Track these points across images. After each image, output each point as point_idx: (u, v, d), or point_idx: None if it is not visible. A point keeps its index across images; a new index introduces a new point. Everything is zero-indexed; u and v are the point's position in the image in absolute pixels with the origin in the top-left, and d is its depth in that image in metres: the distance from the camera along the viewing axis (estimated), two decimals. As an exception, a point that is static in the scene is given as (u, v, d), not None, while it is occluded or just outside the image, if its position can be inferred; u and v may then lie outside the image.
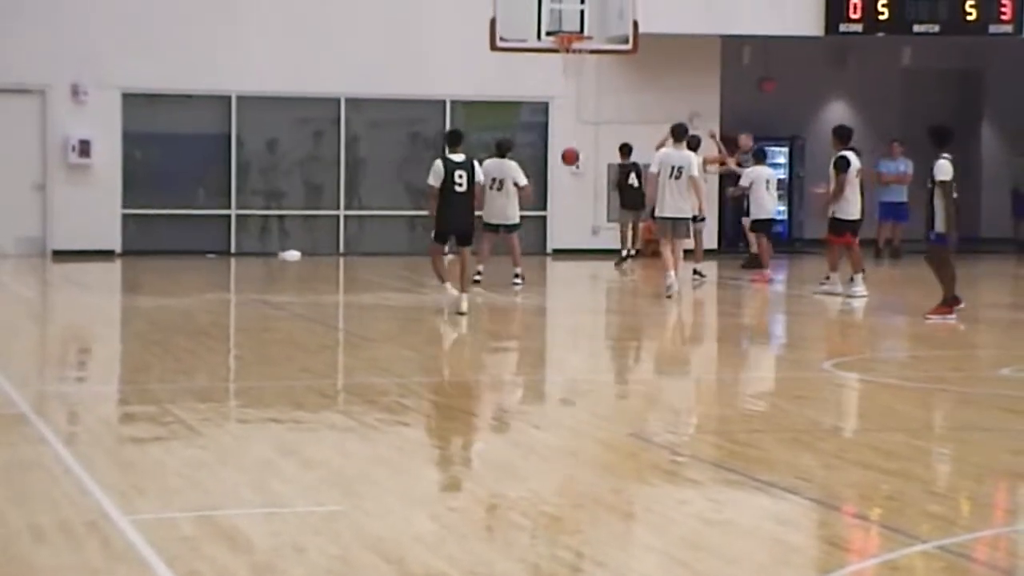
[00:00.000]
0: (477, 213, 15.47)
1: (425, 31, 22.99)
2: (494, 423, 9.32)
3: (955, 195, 14.39)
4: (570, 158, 20.76)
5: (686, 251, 17.33)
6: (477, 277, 17.06)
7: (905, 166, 23.36)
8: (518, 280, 17.55)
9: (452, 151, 14.83)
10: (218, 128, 22.99)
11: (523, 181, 17.58)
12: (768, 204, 19.07)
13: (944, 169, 14.22)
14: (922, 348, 13.40)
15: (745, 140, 21.46)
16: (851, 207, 16.66)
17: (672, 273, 16.25)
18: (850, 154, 16.70)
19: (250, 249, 22.96)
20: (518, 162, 17.91)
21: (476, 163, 15.03)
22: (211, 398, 9.82)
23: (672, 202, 16.33)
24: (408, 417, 9.28)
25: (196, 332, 13.58)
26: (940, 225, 14.27)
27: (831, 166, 16.86)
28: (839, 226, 16.70)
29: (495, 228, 17.66)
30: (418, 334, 13.96)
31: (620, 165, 21.06)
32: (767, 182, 19.02)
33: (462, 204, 14.57)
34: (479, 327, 14.62)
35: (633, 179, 20.59)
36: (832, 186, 16.73)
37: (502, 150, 17.79)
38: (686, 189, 16.40)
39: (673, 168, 16.36)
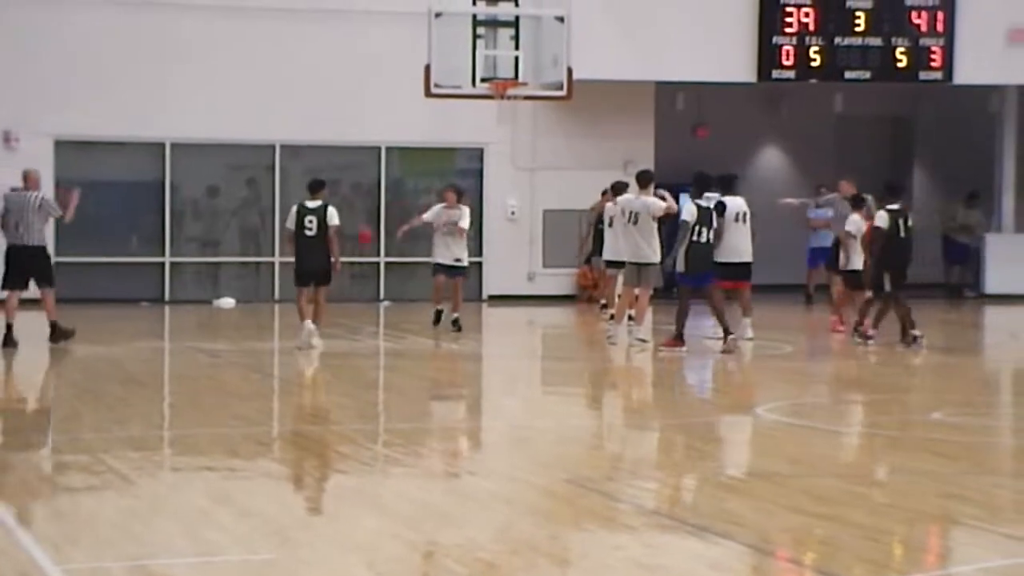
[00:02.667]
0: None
1: (360, 78, 23.07)
2: (431, 470, 9.34)
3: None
4: (364, 239, 20.87)
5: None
6: (455, 316, 17.42)
7: (833, 211, 23.63)
8: (457, 326, 17.52)
9: (311, 198, 15.94)
10: (152, 175, 22.94)
11: (465, 225, 17.73)
12: (855, 256, 17.46)
13: (881, 218, 16.27)
14: (853, 392, 13.57)
15: (846, 187, 19.22)
16: (729, 251, 16.70)
17: (621, 323, 16.32)
18: (728, 199, 16.80)
19: (184, 297, 22.87)
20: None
21: (331, 209, 15.87)
22: (145, 447, 9.78)
23: (629, 247, 16.19)
24: (344, 465, 9.29)
25: (129, 380, 13.51)
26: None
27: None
28: (721, 270, 16.76)
29: (445, 269, 17.69)
30: (354, 381, 13.96)
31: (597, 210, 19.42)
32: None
33: (313, 248, 15.71)
34: (416, 373, 14.64)
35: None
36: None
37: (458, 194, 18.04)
38: (649, 234, 16.14)
39: (631, 214, 16.23)
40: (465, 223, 17.57)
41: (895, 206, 16.44)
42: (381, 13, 22.83)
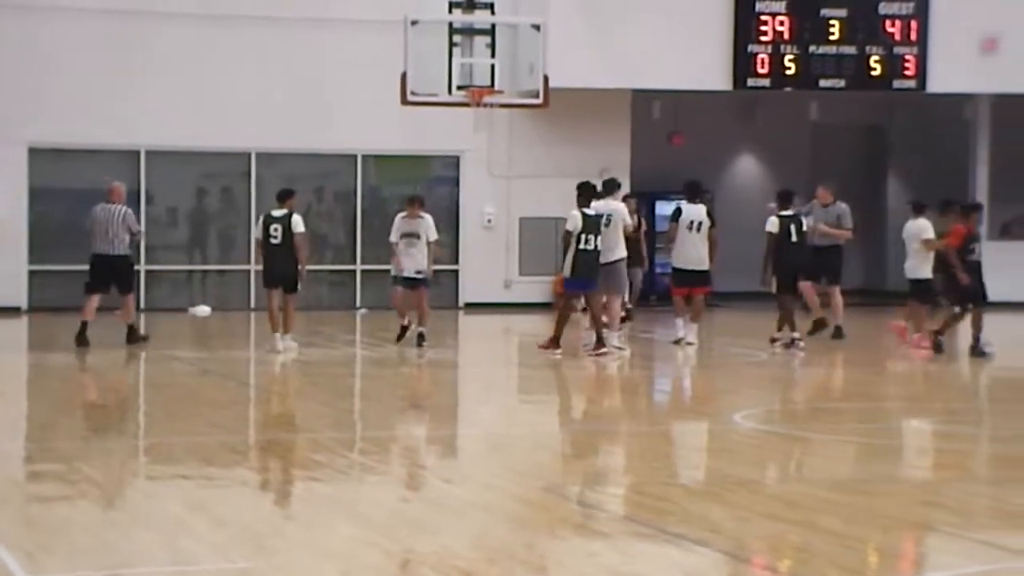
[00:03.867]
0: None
1: (336, 85, 23.05)
2: (407, 478, 9.33)
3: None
4: None
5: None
6: (421, 330, 16.88)
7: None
8: (422, 341, 16.77)
9: (278, 206, 16.41)
10: (127, 183, 22.80)
11: (433, 236, 17.27)
12: (924, 265, 17.46)
13: (771, 223, 17.05)
14: (829, 400, 13.60)
15: (824, 194, 18.95)
16: (682, 259, 17.18)
17: (599, 332, 16.33)
18: (687, 206, 17.29)
19: (160, 304, 22.78)
20: (431, 215, 17.88)
21: (296, 217, 16.30)
22: (120, 455, 9.74)
23: (605, 253, 16.41)
24: (320, 473, 9.26)
25: (105, 389, 13.45)
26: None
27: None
28: (676, 276, 17.38)
29: (404, 281, 17.37)
30: (330, 389, 13.93)
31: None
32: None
33: (279, 255, 16.21)
34: (392, 381, 14.62)
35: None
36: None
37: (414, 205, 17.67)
38: (616, 239, 16.44)
39: (605, 217, 16.45)
40: (432, 235, 16.95)
41: (788, 212, 17.16)
42: (357, 21, 22.82)
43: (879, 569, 6.95)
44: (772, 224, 17.10)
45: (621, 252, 16.58)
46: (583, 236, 15.91)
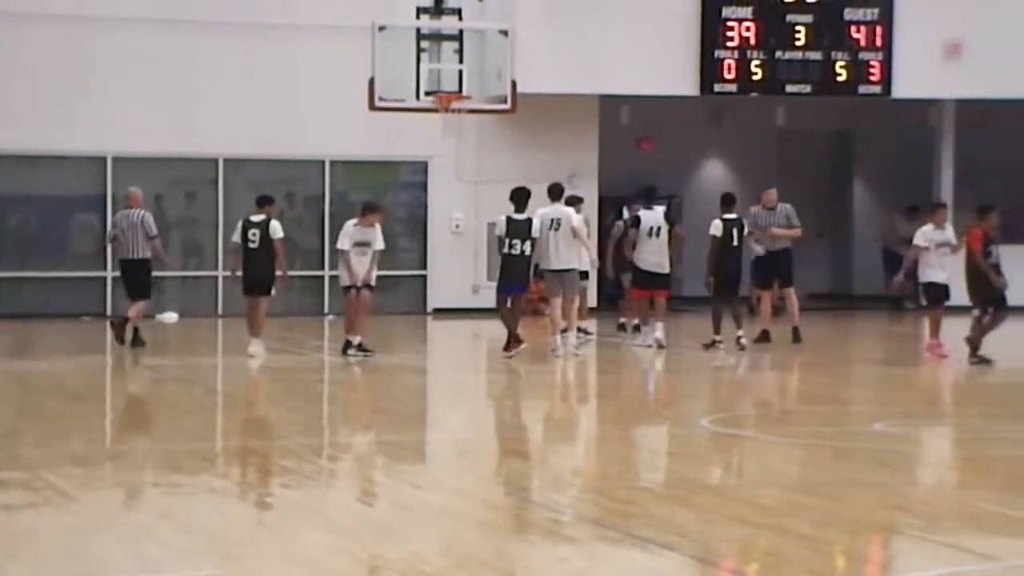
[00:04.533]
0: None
1: (304, 91, 22.99)
2: (376, 484, 9.31)
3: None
4: None
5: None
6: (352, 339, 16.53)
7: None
8: (352, 351, 16.04)
9: (256, 212, 16.58)
10: (93, 189, 22.75)
11: (380, 246, 16.51)
12: (938, 270, 16.84)
13: (715, 227, 17.38)
14: (798, 404, 13.65)
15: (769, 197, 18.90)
16: (643, 262, 17.51)
17: (558, 336, 16.40)
18: (644, 212, 17.71)
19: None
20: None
21: (274, 223, 16.39)
22: (86, 462, 9.69)
23: (557, 256, 16.50)
24: (289, 479, 9.24)
25: (71, 396, 13.38)
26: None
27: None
28: (639, 278, 17.68)
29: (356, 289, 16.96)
30: (299, 395, 13.89)
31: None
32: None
33: (256, 259, 16.28)
34: (361, 387, 14.60)
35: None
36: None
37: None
38: (568, 242, 16.56)
39: (553, 221, 16.57)
40: (380, 244, 16.33)
41: (731, 216, 17.48)
42: (325, 27, 22.77)
43: (847, 573, 6.98)
44: (716, 227, 17.41)
45: (576, 262, 16.60)
46: (509, 241, 16.03)
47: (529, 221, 16.20)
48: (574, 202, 17.59)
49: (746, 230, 17.68)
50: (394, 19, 18.44)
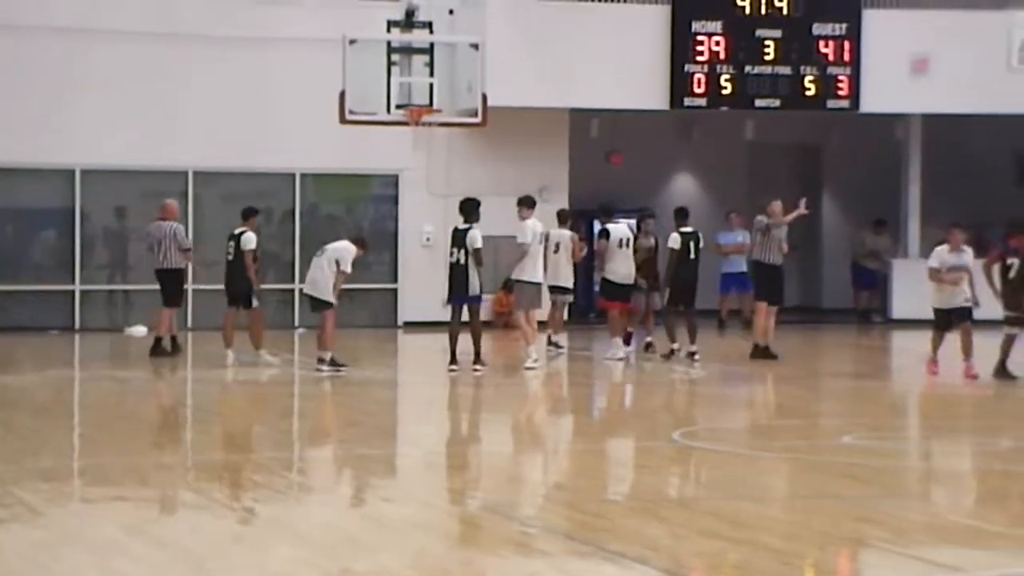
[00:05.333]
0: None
1: (274, 104, 22.96)
2: (346, 497, 9.30)
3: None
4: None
5: (540, 321, 17.54)
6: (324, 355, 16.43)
7: (743, 236, 23.87)
8: (321, 366, 15.92)
9: (241, 224, 17.08)
10: (62, 202, 22.65)
11: (345, 268, 16.16)
12: (949, 296, 15.84)
13: (674, 240, 17.74)
14: (767, 417, 13.69)
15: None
16: (613, 274, 17.94)
17: (533, 346, 16.50)
18: (611, 226, 18.15)
19: (95, 325, 22.57)
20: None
21: (246, 235, 16.84)
22: (55, 477, 9.64)
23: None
24: (259, 493, 9.22)
25: (39, 410, 13.31)
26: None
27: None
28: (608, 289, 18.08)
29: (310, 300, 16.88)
30: (270, 409, 13.86)
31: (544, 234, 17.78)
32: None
33: (232, 272, 16.96)
34: (331, 400, 14.57)
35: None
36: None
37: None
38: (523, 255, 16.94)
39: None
40: (346, 267, 16.13)
41: (688, 229, 17.86)
42: (295, 40, 22.76)
43: (815, 585, 7.00)
44: (674, 240, 17.73)
45: (529, 274, 16.82)
46: (450, 249, 16.35)
47: (464, 231, 16.23)
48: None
49: (701, 243, 18.04)
50: (365, 32, 18.44)
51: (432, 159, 23.40)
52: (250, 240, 16.87)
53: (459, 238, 16.28)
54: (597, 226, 22.25)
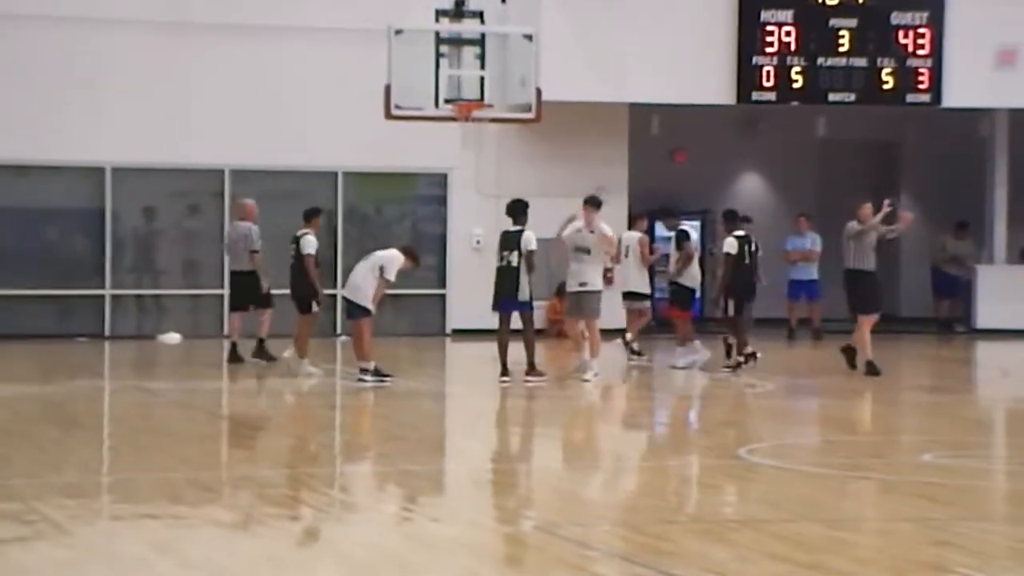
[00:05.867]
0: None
1: (316, 98, 23.04)
2: (391, 515, 9.30)
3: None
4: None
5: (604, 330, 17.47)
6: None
7: (812, 242, 23.74)
8: (364, 376, 16.04)
9: (303, 226, 17.26)
10: (91, 202, 22.82)
11: (389, 276, 16.16)
12: None
13: (730, 244, 17.72)
14: (840, 433, 13.59)
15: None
16: (691, 279, 18.48)
17: (586, 355, 16.50)
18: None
19: (126, 332, 22.74)
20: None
21: (306, 238, 17.02)
22: (81, 493, 9.70)
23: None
24: (298, 510, 9.24)
25: (65, 422, 13.41)
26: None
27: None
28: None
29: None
30: (308, 421, 13.89)
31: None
32: None
33: (293, 276, 17.12)
34: (374, 413, 14.60)
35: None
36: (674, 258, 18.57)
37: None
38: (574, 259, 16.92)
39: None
40: (391, 275, 16.14)
41: (741, 232, 17.92)
42: (338, 30, 22.84)
43: (892, 614, 6.94)
44: (731, 245, 17.77)
45: (585, 279, 16.73)
46: (500, 253, 16.47)
47: (521, 233, 16.23)
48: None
49: (755, 246, 18.02)
50: (411, 22, 18.48)
51: (482, 157, 23.42)
52: (309, 244, 17.01)
53: (511, 241, 16.29)
54: (660, 229, 22.22)
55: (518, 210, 16.50)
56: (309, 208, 17.72)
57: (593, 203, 17.11)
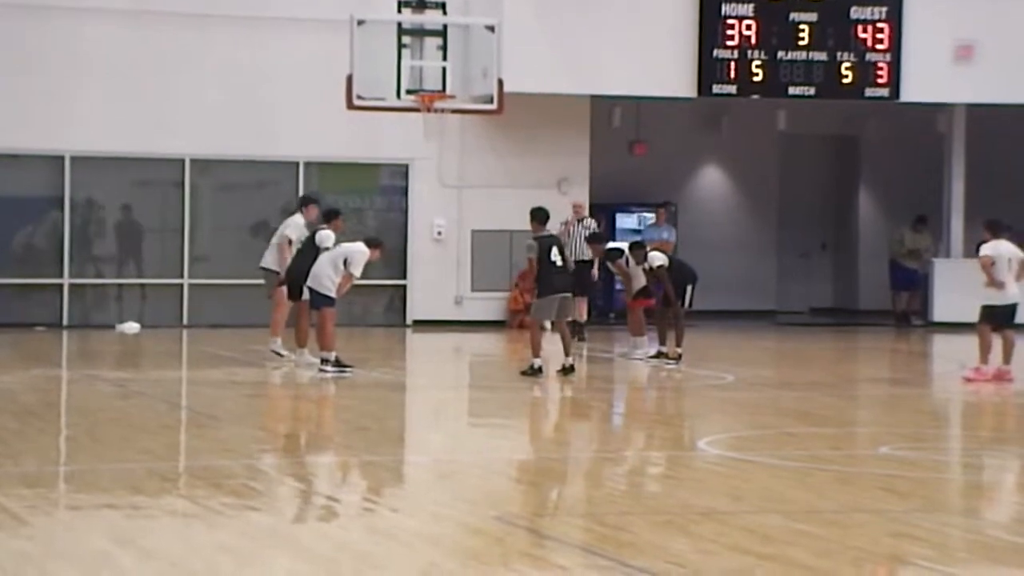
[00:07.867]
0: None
1: (277, 88, 22.96)
2: (350, 507, 9.27)
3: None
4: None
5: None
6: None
7: (668, 233, 23.68)
8: (325, 367, 15.97)
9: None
10: (50, 190, 22.68)
11: (354, 270, 16.02)
12: (1010, 288, 16.45)
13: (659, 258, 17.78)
14: (799, 425, 13.63)
15: None
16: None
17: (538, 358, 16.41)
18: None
19: (84, 321, 22.61)
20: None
21: (323, 233, 16.39)
22: (39, 483, 9.64)
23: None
24: (257, 501, 9.20)
25: (23, 412, 13.32)
26: None
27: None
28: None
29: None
30: (268, 412, 13.84)
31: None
32: (1008, 261, 16.48)
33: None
34: (336, 404, 14.56)
35: (555, 255, 16.44)
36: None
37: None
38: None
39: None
40: (356, 270, 16.01)
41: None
42: (300, 20, 22.76)
43: (851, 605, 6.96)
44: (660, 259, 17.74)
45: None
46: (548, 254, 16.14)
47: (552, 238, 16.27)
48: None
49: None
50: (374, 13, 18.44)
51: (444, 148, 23.40)
52: (328, 237, 16.28)
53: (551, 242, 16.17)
54: (621, 220, 22.25)
55: (543, 217, 16.25)
56: (328, 209, 17.19)
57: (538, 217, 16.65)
